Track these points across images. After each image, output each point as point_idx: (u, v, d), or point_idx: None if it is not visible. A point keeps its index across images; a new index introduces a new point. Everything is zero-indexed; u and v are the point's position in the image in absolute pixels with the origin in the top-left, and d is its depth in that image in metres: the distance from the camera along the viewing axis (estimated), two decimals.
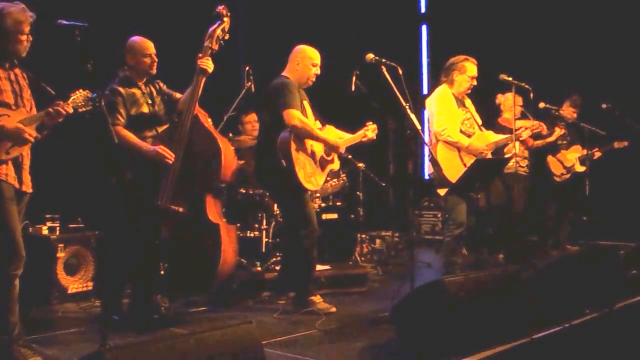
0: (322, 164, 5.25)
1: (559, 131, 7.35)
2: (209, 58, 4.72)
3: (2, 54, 3.83)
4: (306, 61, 5.19)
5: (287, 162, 4.92)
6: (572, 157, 7.70)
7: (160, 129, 4.81)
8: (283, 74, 5.23)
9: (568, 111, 7.64)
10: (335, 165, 5.40)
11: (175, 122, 4.76)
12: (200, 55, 4.73)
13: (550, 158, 7.70)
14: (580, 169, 7.63)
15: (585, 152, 7.58)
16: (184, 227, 4.63)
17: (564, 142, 7.72)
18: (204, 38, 4.78)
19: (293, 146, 4.95)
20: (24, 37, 3.81)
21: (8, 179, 3.74)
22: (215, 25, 4.79)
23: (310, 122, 5.13)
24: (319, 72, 5.25)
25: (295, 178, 4.93)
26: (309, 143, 5.11)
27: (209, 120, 4.89)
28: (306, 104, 5.20)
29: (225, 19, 4.81)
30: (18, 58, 3.88)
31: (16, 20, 3.78)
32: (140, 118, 4.74)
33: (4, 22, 3.77)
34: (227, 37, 4.83)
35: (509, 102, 7.02)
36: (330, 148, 5.22)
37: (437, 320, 3.78)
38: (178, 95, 4.92)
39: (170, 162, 4.56)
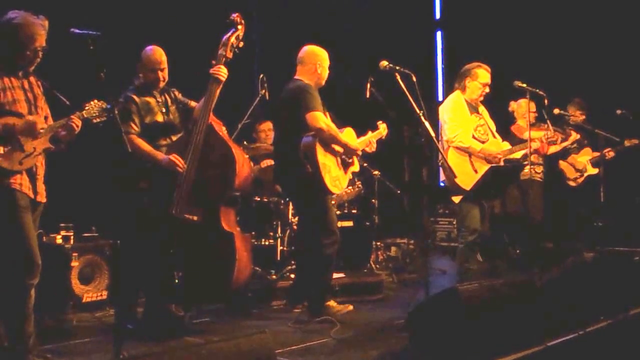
0: (344, 166, 5.22)
1: (574, 135, 7.27)
2: (223, 66, 4.72)
3: (15, 63, 3.86)
4: (325, 64, 5.20)
5: (313, 167, 4.87)
6: (584, 160, 7.59)
7: (174, 138, 4.81)
8: (298, 77, 5.20)
9: (575, 115, 7.56)
10: (356, 167, 5.38)
11: (189, 131, 4.76)
12: (214, 63, 4.73)
13: (562, 163, 7.61)
14: (593, 171, 7.53)
15: (596, 154, 7.49)
16: (199, 236, 4.63)
17: (574, 145, 7.62)
18: (219, 46, 4.79)
19: (319, 150, 4.91)
20: (38, 47, 3.83)
21: (22, 189, 3.76)
22: (230, 33, 4.78)
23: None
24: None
25: (322, 183, 4.89)
26: (332, 146, 5.08)
27: (224, 128, 4.88)
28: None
29: (240, 26, 4.79)
30: (26, 69, 3.89)
31: (27, 33, 3.80)
32: (154, 127, 4.74)
33: (16, 33, 3.80)
34: (241, 44, 4.81)
35: (521, 110, 6.97)
36: (349, 152, 5.18)
37: (451, 328, 3.75)
38: (193, 103, 4.91)
39: (182, 170, 4.56)
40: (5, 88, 3.78)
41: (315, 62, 5.18)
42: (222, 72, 4.69)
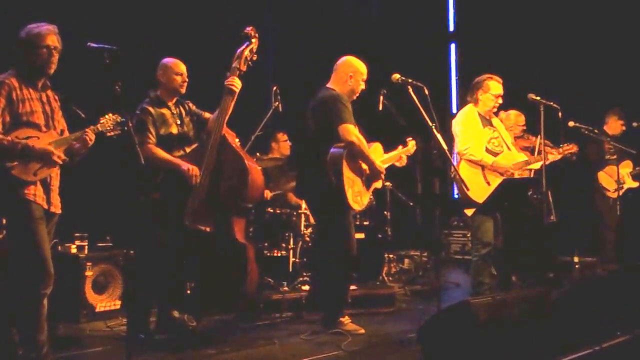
0: (368, 182, 5.18)
1: (570, 147, 7.02)
2: (237, 78, 4.76)
3: (33, 73, 3.92)
4: (358, 76, 5.15)
5: (337, 179, 4.85)
6: (623, 172, 7.43)
7: (188, 149, 4.84)
8: (330, 86, 5.16)
9: (616, 124, 7.47)
10: (379, 183, 5.33)
11: (203, 142, 4.79)
12: (228, 75, 4.77)
13: (600, 174, 7.48)
14: (632, 184, 7.40)
15: (638, 169, 7.38)
16: (211, 246, 4.65)
17: (614, 157, 7.47)
18: (232, 59, 4.82)
19: (345, 164, 4.88)
20: (43, 50, 3.88)
21: (36, 200, 3.81)
22: (244, 46, 4.82)
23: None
24: (364, 87, 5.22)
25: (344, 197, 4.86)
26: (359, 162, 5.05)
27: (237, 140, 4.91)
28: None
29: (254, 40, 4.83)
30: (46, 74, 3.94)
31: (35, 33, 3.87)
32: (169, 138, 4.78)
33: (26, 38, 3.88)
34: (255, 57, 4.84)
35: (509, 121, 6.88)
36: (373, 172, 5.13)
37: (463, 341, 3.74)
38: (207, 114, 4.94)
39: (196, 182, 4.59)
40: (24, 99, 3.84)
41: (347, 72, 5.14)
42: (236, 84, 4.73)
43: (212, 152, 4.67)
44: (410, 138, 5.66)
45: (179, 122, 4.87)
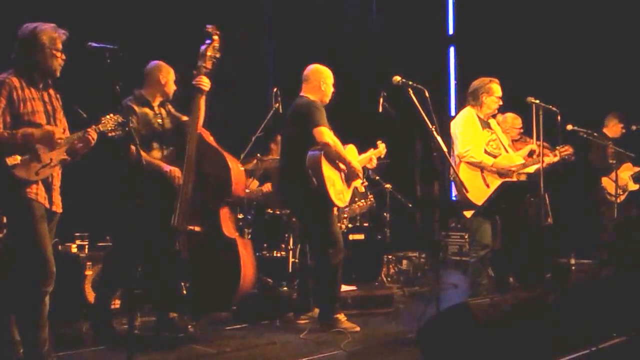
0: (347, 181, 5.35)
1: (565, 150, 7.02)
2: (204, 77, 4.78)
3: (36, 73, 3.92)
4: (329, 81, 5.37)
5: (318, 181, 5.01)
6: (625, 175, 7.46)
7: (166, 151, 4.85)
8: (303, 94, 5.36)
9: (617, 127, 7.50)
10: (358, 182, 5.48)
11: (181, 144, 4.76)
12: (195, 73, 4.80)
13: (604, 179, 7.47)
14: (634, 187, 7.43)
15: (636, 169, 7.40)
16: (203, 245, 4.65)
17: (614, 161, 7.49)
18: (198, 57, 4.86)
19: (324, 164, 5.05)
20: (58, 54, 3.90)
21: (38, 199, 3.81)
22: (206, 45, 4.85)
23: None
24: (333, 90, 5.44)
25: (326, 196, 5.03)
26: (336, 161, 5.21)
27: (211, 137, 4.89)
28: None
29: (215, 37, 4.86)
30: (53, 76, 3.96)
31: (50, 36, 3.88)
32: (149, 138, 4.79)
33: (39, 39, 3.86)
34: (218, 55, 4.87)
35: (506, 124, 6.89)
36: (351, 172, 5.32)
37: (462, 342, 3.76)
38: (185, 117, 4.93)
39: (179, 182, 4.62)
40: (25, 99, 3.83)
41: (320, 79, 5.35)
42: (204, 82, 4.77)
43: (192, 153, 4.68)
44: (380, 141, 5.86)
45: (160, 122, 4.88)
